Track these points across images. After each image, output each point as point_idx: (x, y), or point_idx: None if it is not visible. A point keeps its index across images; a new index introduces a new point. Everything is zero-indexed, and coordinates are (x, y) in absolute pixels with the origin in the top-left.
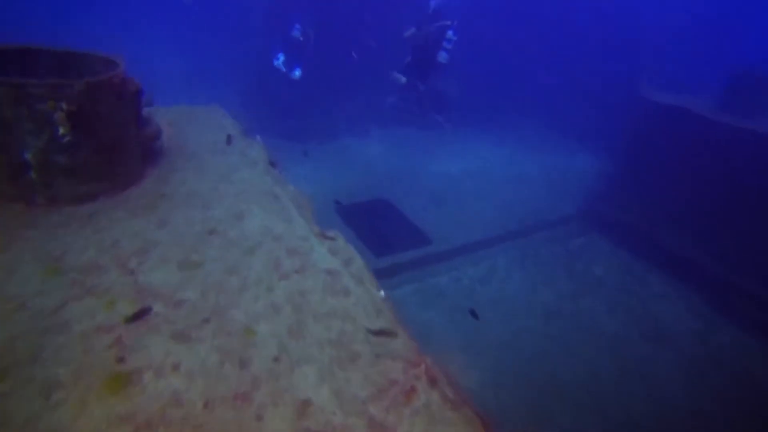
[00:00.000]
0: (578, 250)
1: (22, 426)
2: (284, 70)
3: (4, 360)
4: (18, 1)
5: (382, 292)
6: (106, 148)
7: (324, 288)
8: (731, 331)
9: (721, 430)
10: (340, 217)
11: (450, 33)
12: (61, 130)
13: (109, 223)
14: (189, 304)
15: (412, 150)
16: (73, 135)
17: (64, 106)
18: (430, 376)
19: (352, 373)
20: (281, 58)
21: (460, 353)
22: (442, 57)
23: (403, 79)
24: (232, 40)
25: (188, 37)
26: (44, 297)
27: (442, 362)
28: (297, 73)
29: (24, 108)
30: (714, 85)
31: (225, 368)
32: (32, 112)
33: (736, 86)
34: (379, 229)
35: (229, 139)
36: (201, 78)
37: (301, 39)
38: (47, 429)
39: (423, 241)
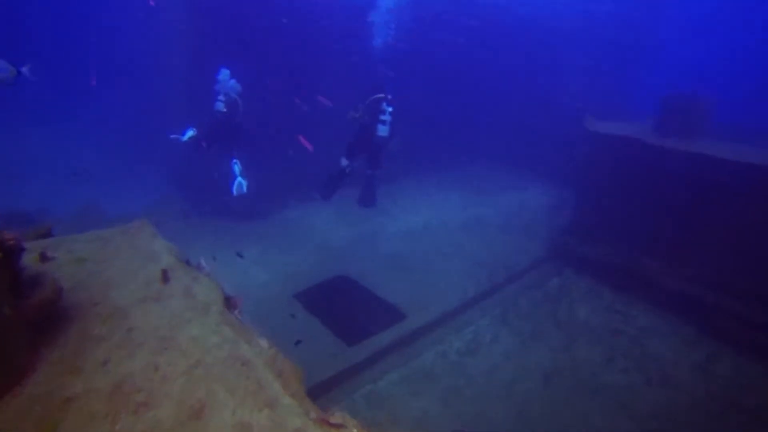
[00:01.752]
0: (556, 292)
1: None
2: (244, 191)
3: None
4: None
5: None
6: None
7: None
8: (730, 357)
9: None
10: (301, 303)
11: (384, 105)
12: None
13: None
14: None
15: (364, 211)
16: None
17: None
18: None
19: None
20: (237, 170)
21: None
22: (381, 130)
23: (349, 168)
24: (147, 117)
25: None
26: None
27: None
28: (186, 135)
29: None
30: (645, 110)
31: None
32: None
33: (669, 110)
34: (345, 312)
35: (165, 275)
36: (120, 163)
37: (225, 111)
38: None
39: (396, 316)
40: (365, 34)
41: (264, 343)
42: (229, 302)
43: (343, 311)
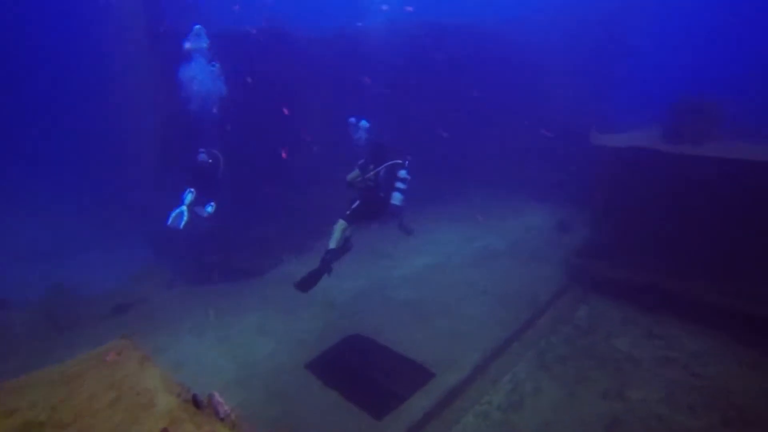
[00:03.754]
0: (587, 324)
1: None
2: (204, 214)
3: None
4: None
5: None
6: None
7: None
8: None
9: None
10: (315, 375)
11: (403, 173)
12: None
13: None
14: None
15: (365, 257)
16: None
17: None
18: None
19: None
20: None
21: None
22: (397, 199)
23: (349, 243)
24: (123, 184)
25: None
26: None
27: None
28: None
29: None
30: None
31: None
32: None
33: (681, 116)
34: (366, 377)
35: None
36: (92, 231)
37: (210, 162)
38: None
39: (424, 375)
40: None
41: None
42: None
43: (363, 377)
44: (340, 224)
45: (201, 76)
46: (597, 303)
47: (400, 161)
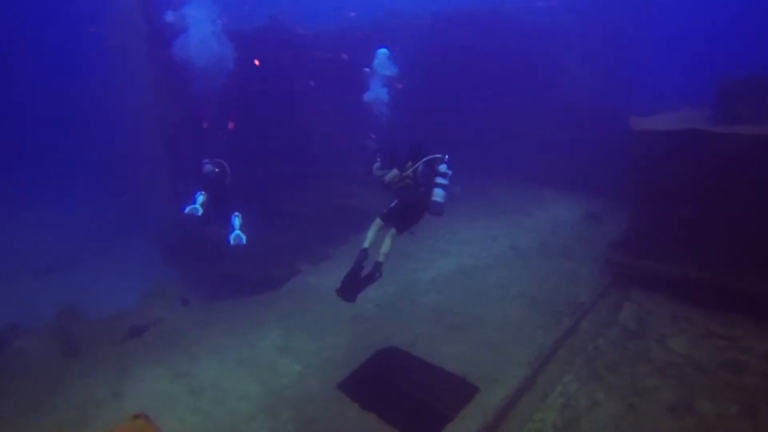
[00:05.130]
0: (636, 325)
1: None
2: (242, 242)
3: None
4: None
5: None
6: None
7: None
8: None
9: None
10: (349, 396)
11: (444, 167)
12: None
13: None
14: None
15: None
16: None
17: None
18: None
19: None
20: (199, 199)
21: None
22: (438, 195)
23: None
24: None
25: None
26: None
27: None
28: (198, 201)
29: None
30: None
31: None
32: None
33: (734, 95)
34: (404, 397)
35: None
36: (102, 245)
37: (217, 171)
38: None
39: (467, 390)
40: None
41: None
42: None
43: (401, 395)
44: (376, 223)
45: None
46: (643, 301)
47: (439, 155)
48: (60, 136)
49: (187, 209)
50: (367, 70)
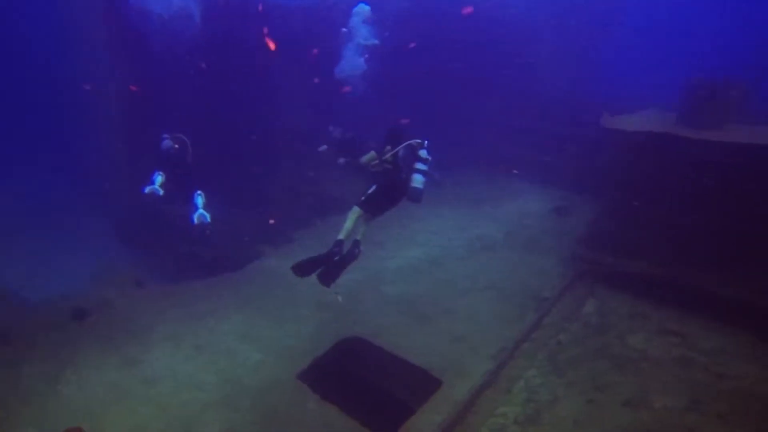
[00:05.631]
0: (597, 320)
1: None
2: (207, 220)
3: None
4: None
5: None
6: None
7: None
8: None
9: None
10: (310, 386)
11: (424, 153)
12: None
13: None
14: None
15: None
16: None
17: None
18: None
19: None
20: (157, 180)
21: None
22: (418, 181)
23: (360, 250)
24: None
25: None
26: None
27: None
28: (158, 182)
29: None
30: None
31: None
32: None
33: (700, 99)
34: (367, 389)
35: None
36: (49, 218)
37: (177, 147)
38: None
39: (430, 383)
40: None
41: None
42: None
43: (363, 387)
44: (354, 212)
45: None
46: (604, 297)
47: (419, 140)
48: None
49: (147, 189)
50: (344, 30)
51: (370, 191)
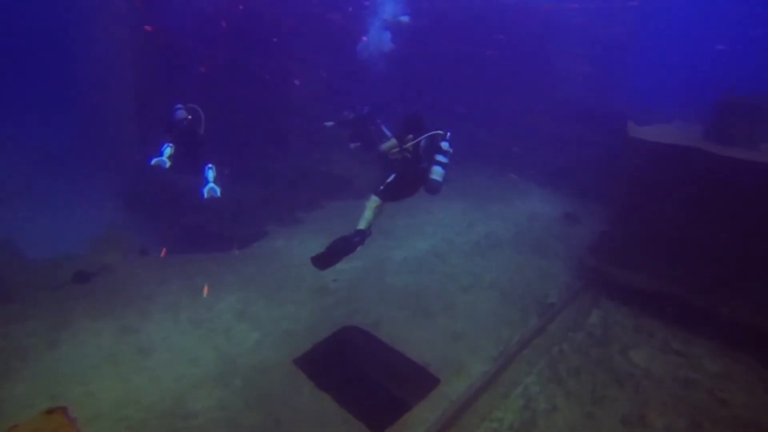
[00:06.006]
0: (601, 332)
1: None
2: (217, 194)
3: None
4: None
5: None
6: None
7: None
8: None
9: None
10: (305, 372)
11: (446, 145)
12: None
13: None
14: None
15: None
16: None
17: None
18: None
19: None
20: (166, 152)
21: None
22: (438, 174)
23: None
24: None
25: None
26: None
27: None
28: (166, 153)
29: None
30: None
31: None
32: None
33: (729, 115)
34: (363, 379)
35: None
36: (58, 178)
37: (190, 117)
38: None
39: (428, 381)
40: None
41: None
42: None
43: (359, 378)
44: (373, 201)
45: None
46: (610, 309)
47: (441, 131)
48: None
49: (153, 161)
50: (367, 2)
51: (389, 180)
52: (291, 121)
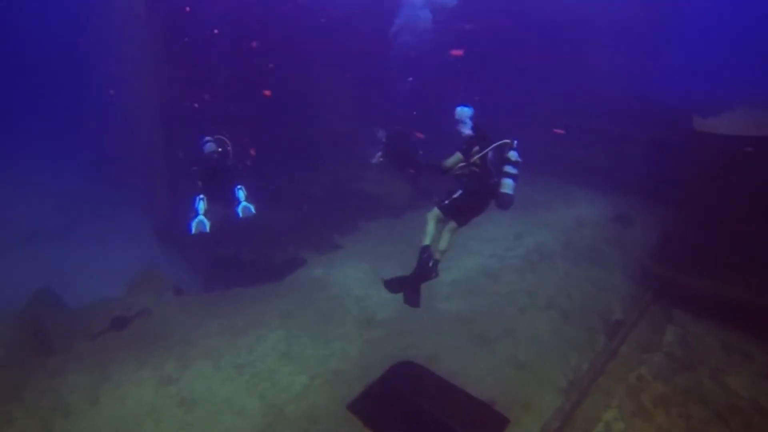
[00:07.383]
0: (683, 353)
1: None
2: (250, 213)
3: None
4: None
5: None
6: None
7: None
8: None
9: None
10: (361, 419)
11: (515, 155)
12: None
13: None
14: None
15: (405, 254)
16: None
17: None
18: None
19: None
20: (200, 207)
21: None
22: (509, 186)
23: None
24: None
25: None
26: None
27: None
28: (201, 209)
29: None
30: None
31: None
32: None
33: None
34: (425, 425)
35: None
36: (91, 216)
37: (220, 150)
38: None
39: (496, 421)
40: None
41: None
42: None
43: (420, 422)
44: (433, 214)
45: None
46: (687, 324)
47: (508, 141)
48: (57, 88)
49: (194, 227)
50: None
51: (455, 195)
52: (318, 138)
